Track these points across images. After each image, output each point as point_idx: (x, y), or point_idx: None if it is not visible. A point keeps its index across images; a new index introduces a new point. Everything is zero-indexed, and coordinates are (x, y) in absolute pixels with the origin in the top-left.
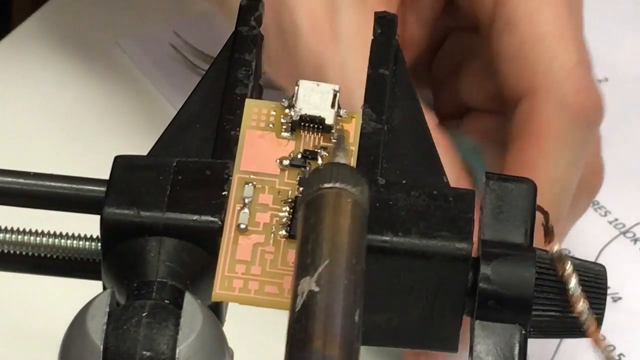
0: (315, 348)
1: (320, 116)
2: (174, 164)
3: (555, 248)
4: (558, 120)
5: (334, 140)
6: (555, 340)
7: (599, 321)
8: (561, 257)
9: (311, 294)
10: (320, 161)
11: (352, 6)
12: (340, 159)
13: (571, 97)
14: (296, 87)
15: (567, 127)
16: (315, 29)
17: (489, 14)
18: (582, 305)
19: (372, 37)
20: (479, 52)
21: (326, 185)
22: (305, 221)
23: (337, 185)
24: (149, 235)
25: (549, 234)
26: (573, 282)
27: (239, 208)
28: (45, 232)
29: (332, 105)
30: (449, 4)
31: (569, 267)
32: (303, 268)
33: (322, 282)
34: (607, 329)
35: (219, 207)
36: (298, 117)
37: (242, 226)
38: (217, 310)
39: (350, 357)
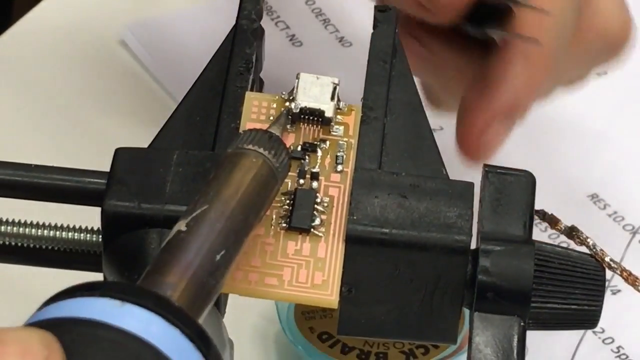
0: (161, 278)
1: (319, 109)
2: (175, 157)
3: (562, 225)
4: None
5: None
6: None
7: (597, 313)
8: (572, 228)
9: (177, 233)
10: (319, 154)
11: None
12: (272, 128)
13: None
14: (296, 80)
15: None
16: None
17: None
18: (608, 258)
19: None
20: None
21: (239, 146)
22: (210, 178)
23: (250, 147)
24: (149, 227)
25: (551, 220)
26: (591, 243)
27: None
28: (47, 224)
29: (332, 98)
30: None
31: (581, 234)
32: (183, 213)
33: (191, 223)
34: (605, 321)
35: None
36: (298, 110)
37: None
38: (217, 302)
39: (195, 287)
